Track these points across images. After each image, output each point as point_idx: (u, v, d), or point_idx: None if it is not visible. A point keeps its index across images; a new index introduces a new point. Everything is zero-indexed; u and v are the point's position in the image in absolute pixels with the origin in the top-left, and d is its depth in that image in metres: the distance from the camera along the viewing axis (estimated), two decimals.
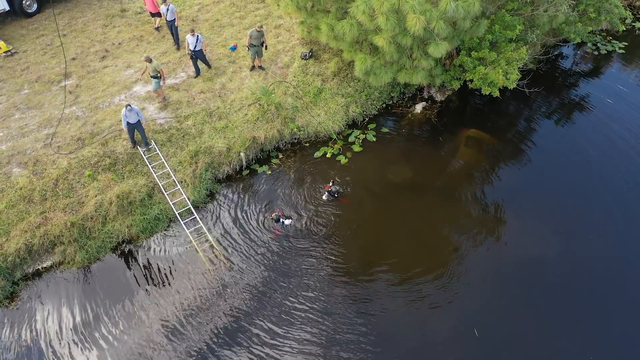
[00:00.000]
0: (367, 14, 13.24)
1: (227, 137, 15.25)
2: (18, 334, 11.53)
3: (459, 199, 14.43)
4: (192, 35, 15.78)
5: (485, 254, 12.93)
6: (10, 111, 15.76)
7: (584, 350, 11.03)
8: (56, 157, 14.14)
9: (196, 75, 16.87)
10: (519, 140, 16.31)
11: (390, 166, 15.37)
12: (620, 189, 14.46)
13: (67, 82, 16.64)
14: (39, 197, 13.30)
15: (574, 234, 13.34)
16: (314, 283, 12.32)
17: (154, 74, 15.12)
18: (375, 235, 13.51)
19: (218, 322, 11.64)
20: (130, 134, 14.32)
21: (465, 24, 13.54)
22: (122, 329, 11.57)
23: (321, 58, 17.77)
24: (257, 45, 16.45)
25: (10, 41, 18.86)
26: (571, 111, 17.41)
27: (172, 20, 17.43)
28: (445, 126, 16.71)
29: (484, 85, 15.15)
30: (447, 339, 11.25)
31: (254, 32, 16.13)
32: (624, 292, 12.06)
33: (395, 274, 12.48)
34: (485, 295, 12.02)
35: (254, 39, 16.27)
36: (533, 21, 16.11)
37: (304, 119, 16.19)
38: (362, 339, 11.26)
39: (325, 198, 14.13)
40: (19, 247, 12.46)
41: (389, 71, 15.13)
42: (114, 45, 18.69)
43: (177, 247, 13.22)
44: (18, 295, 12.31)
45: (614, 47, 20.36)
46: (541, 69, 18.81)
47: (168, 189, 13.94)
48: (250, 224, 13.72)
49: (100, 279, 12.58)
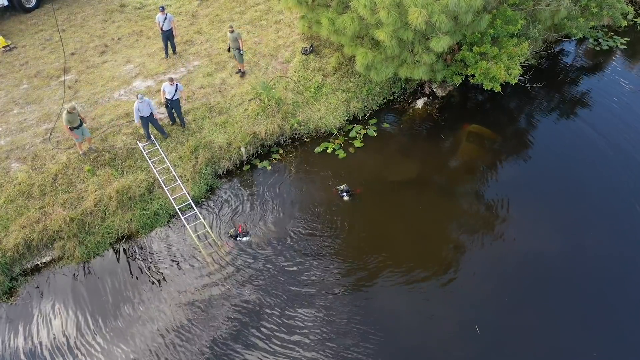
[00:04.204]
0: (369, 8, 13.16)
1: (227, 132, 15.17)
2: (17, 330, 11.45)
3: (460, 195, 14.36)
4: (171, 83, 14.13)
5: (487, 250, 12.86)
6: (9, 106, 15.68)
7: (588, 348, 10.95)
8: (55, 152, 14.07)
9: (168, 136, 14.76)
10: (520, 135, 16.24)
11: (391, 162, 15.30)
12: (622, 185, 14.38)
13: (66, 77, 16.55)
14: (38, 192, 13.23)
15: (577, 230, 13.27)
16: (314, 280, 12.25)
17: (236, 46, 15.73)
18: (376, 230, 13.43)
19: (218, 318, 11.56)
20: (145, 128, 14.21)
21: (467, 19, 13.45)
22: (121, 324, 11.49)
23: (322, 53, 17.69)
24: (235, 48, 16.11)
25: (9, 36, 18.77)
26: (573, 107, 17.34)
27: (169, 30, 16.89)
28: (447, 122, 16.64)
29: (486, 81, 15.07)
30: (448, 336, 11.17)
31: (228, 33, 15.95)
32: (628, 289, 11.98)
33: (396, 270, 12.41)
34: (486, 292, 11.95)
35: (231, 42, 16.00)
36: (535, 16, 16.04)
37: (305, 114, 16.11)
38: (362, 335, 11.19)
39: (347, 198, 13.96)
40: (17, 243, 12.38)
41: (390, 66, 15.04)
42: (113, 41, 18.61)
43: (177, 242, 13.15)
44: (17, 290, 12.23)
45: (616, 42, 20.27)
46: (543, 65, 18.72)
47: (168, 184, 13.86)
48: (251, 219, 13.66)
49: (99, 274, 12.50)
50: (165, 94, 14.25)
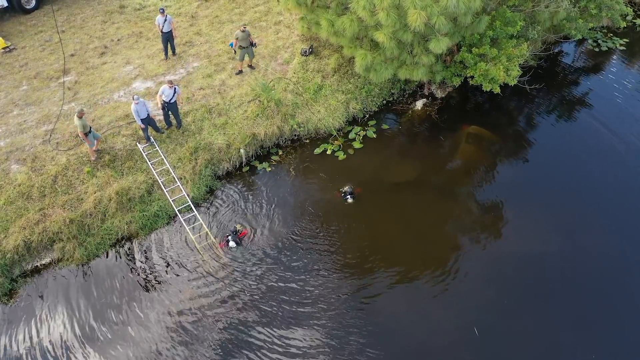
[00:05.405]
0: (368, 9, 13.17)
1: (226, 133, 15.18)
2: (16, 332, 11.46)
3: (459, 196, 14.38)
4: (170, 86, 14.05)
5: (486, 251, 12.88)
6: (8, 107, 15.68)
7: (588, 348, 10.97)
8: (55, 154, 14.07)
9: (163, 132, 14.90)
10: (519, 137, 16.25)
11: (391, 163, 15.32)
12: (621, 186, 14.40)
13: (66, 79, 16.54)
14: (38, 194, 13.23)
15: (577, 231, 13.28)
16: (313, 280, 12.25)
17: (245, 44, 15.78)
18: (375, 232, 13.44)
19: (217, 319, 11.57)
20: (145, 130, 14.25)
21: (466, 20, 13.46)
22: (120, 326, 11.50)
23: (321, 54, 17.69)
24: (245, 46, 16.25)
25: (9, 37, 18.77)
26: (572, 108, 17.35)
27: (169, 32, 16.85)
28: (446, 123, 16.65)
29: (485, 82, 15.08)
30: (447, 338, 11.17)
31: (239, 33, 15.99)
32: (627, 290, 12.00)
33: (395, 271, 12.42)
34: (486, 293, 11.96)
35: (241, 40, 16.09)
36: (534, 17, 16.05)
37: (304, 115, 16.12)
38: (360, 336, 11.20)
39: (351, 200, 13.95)
40: (17, 244, 12.39)
41: (389, 67, 15.05)
42: (113, 42, 18.61)
43: (177, 243, 13.15)
44: (16, 292, 12.24)
45: (615, 43, 20.29)
46: (542, 66, 18.73)
47: (167, 186, 13.87)
48: (250, 220, 13.67)
49: (99, 275, 12.51)
50: (163, 97, 14.17)
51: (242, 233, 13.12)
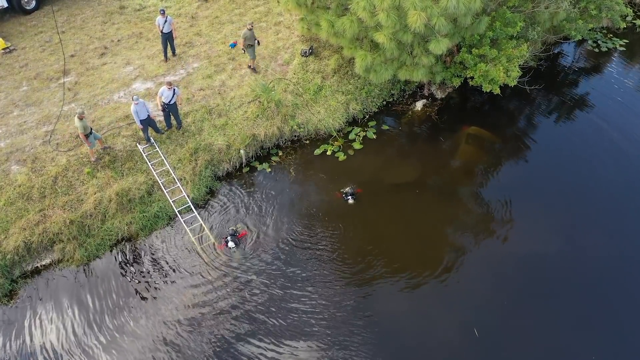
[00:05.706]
0: (368, 10, 13.18)
1: (227, 134, 15.18)
2: (16, 333, 11.46)
3: (459, 197, 14.38)
4: (169, 88, 14.00)
5: (486, 251, 12.88)
6: (8, 108, 15.68)
7: (588, 349, 10.98)
8: (55, 155, 14.08)
9: (163, 132, 14.95)
10: (519, 137, 16.26)
11: (391, 164, 15.32)
12: (621, 186, 14.41)
13: (66, 79, 16.54)
14: (38, 195, 13.24)
15: (576, 231, 13.30)
16: (313, 281, 12.27)
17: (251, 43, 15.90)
18: (375, 232, 13.45)
19: (217, 320, 11.58)
20: (146, 132, 14.26)
21: (466, 21, 13.47)
22: (120, 327, 11.51)
23: (321, 55, 17.70)
24: (252, 44, 16.29)
25: (9, 38, 18.77)
26: (572, 108, 17.36)
27: (169, 33, 16.84)
28: (446, 124, 16.66)
29: (485, 83, 15.10)
30: (447, 338, 11.19)
31: (246, 32, 15.99)
32: (627, 291, 12.01)
33: (395, 272, 12.43)
34: (485, 294, 11.97)
35: (249, 39, 16.11)
36: (534, 18, 16.05)
37: (304, 116, 16.13)
38: (360, 337, 11.21)
39: (352, 201, 13.95)
40: (17, 245, 12.39)
41: (389, 68, 15.06)
42: (113, 42, 18.60)
43: (177, 244, 13.15)
44: (17, 293, 12.24)
45: (615, 44, 20.31)
46: (542, 67, 18.75)
47: (168, 187, 13.88)
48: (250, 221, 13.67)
49: (99, 276, 12.51)
50: (162, 98, 14.15)
51: (242, 234, 13.13)
